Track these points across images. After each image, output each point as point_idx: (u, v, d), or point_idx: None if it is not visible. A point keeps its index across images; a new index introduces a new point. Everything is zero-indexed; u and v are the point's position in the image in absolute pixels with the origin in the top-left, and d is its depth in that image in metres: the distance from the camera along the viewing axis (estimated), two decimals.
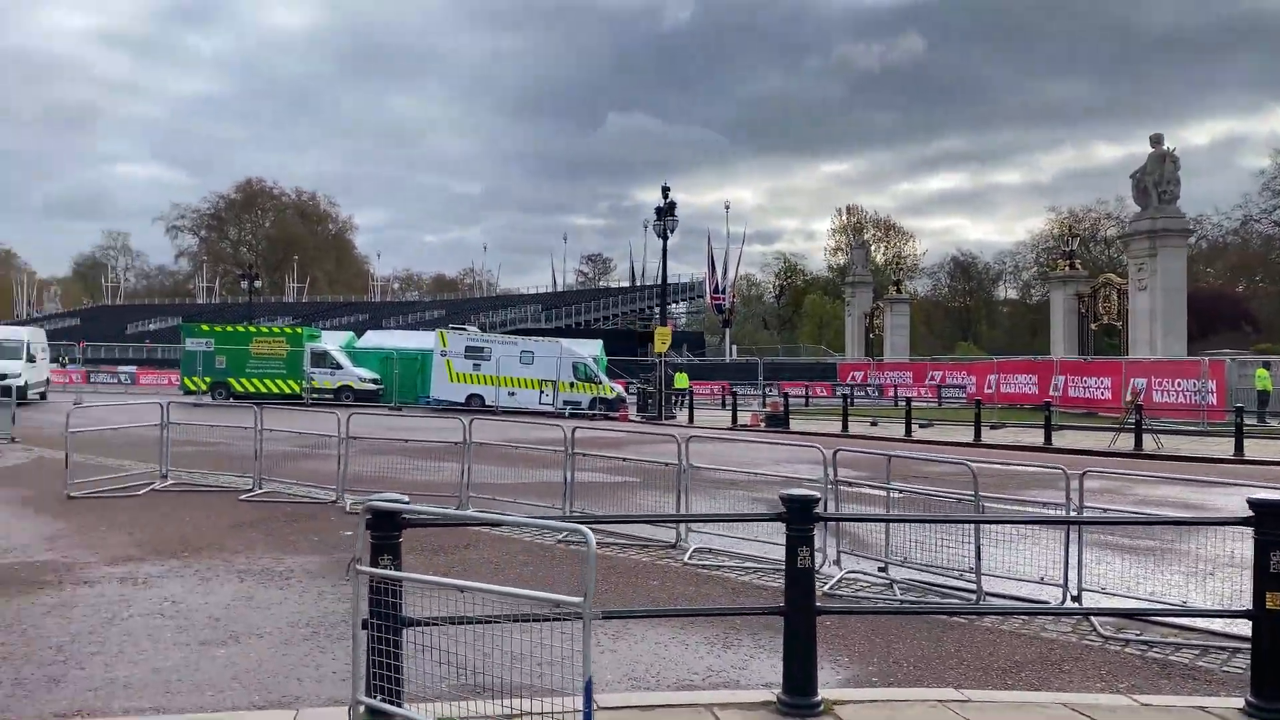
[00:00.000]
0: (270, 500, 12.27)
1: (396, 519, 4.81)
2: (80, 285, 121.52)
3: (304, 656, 6.28)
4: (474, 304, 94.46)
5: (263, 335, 37.16)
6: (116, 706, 5.34)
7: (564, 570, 8.82)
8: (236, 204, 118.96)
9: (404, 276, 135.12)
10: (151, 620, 7.00)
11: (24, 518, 10.75)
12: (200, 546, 9.51)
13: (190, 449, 15.12)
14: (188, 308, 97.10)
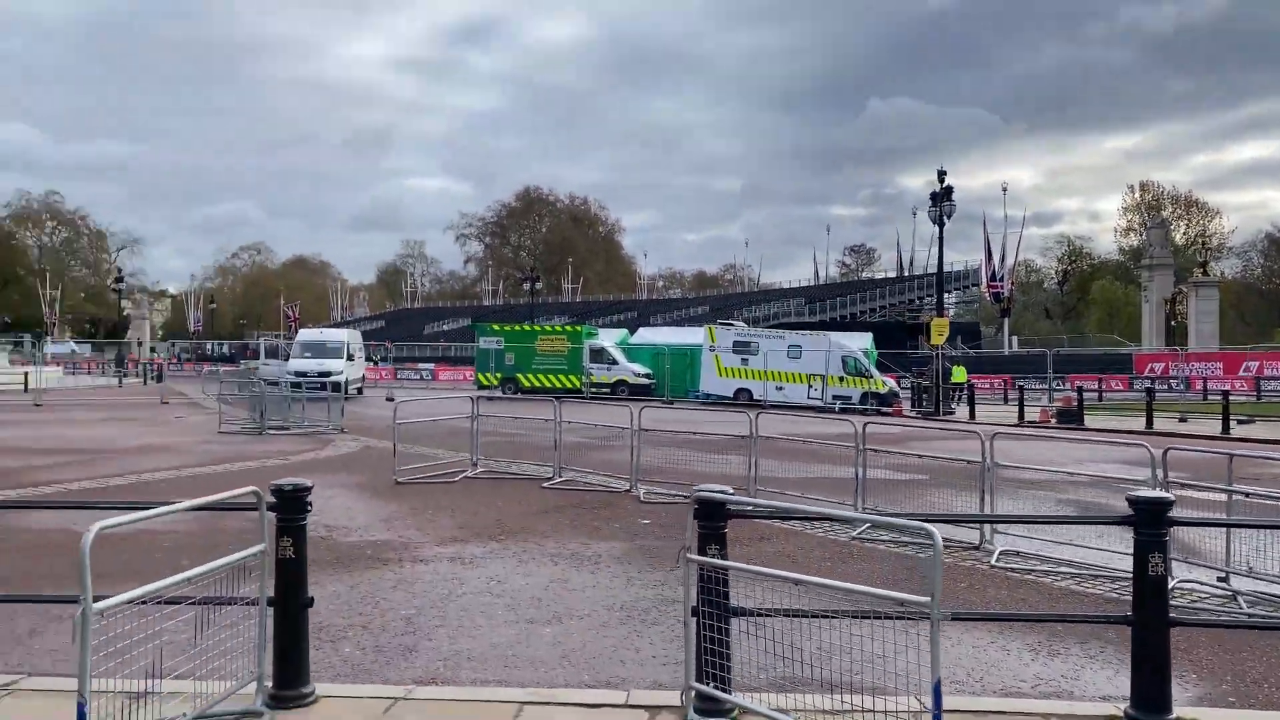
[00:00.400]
0: (570, 488, 12.96)
1: (723, 509, 4.90)
2: (384, 291, 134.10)
3: (623, 639, 6.55)
4: (736, 299, 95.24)
5: (546, 334, 39.38)
6: (464, 676, 5.81)
7: (864, 567, 8.67)
8: (517, 211, 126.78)
9: (667, 274, 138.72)
10: (482, 598, 7.57)
11: (363, 500, 11.99)
12: (514, 530, 10.19)
13: (495, 439, 16.26)
14: (475, 309, 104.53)
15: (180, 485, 12.89)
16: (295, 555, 5.01)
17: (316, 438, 19.75)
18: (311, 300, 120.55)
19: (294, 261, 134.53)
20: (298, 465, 15.27)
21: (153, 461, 15.51)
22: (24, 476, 13.59)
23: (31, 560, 8.70)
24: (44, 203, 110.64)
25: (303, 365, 34.39)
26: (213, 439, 19.66)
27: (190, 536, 9.62)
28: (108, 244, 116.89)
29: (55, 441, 18.68)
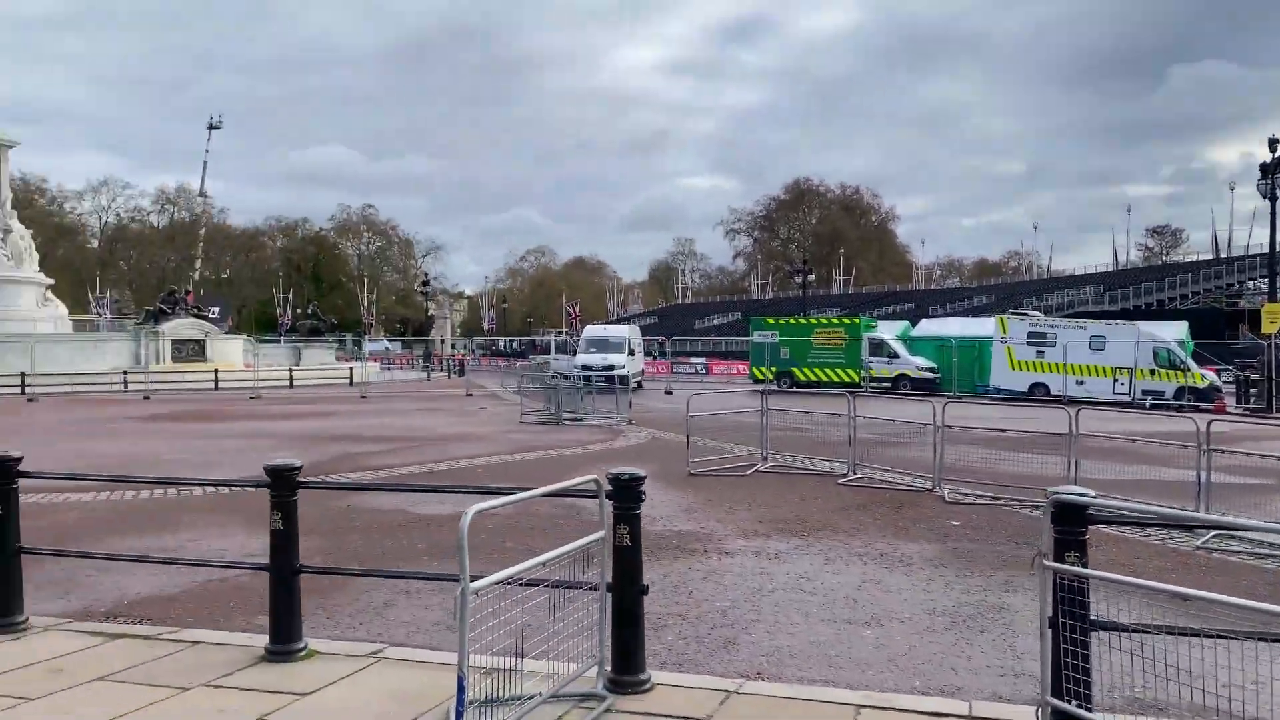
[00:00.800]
0: (866, 485, 12.60)
1: (1084, 513, 4.47)
2: (656, 288, 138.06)
3: (950, 646, 6.21)
4: (1023, 287, 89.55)
5: (822, 326, 38.84)
6: (790, 674, 5.71)
7: (1218, 580, 7.74)
8: (786, 204, 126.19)
9: (944, 263, 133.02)
10: (793, 595, 7.46)
11: (661, 491, 12.26)
12: (815, 527, 10.02)
13: (780, 434, 16.13)
14: (745, 304, 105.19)
15: (495, 471, 13.78)
16: (631, 543, 5.11)
17: (607, 429, 20.52)
18: (590, 298, 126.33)
19: (574, 262, 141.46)
20: (595, 455, 15.90)
21: (468, 449, 16.72)
22: (362, 461, 15.07)
23: (380, 537, 9.55)
24: (361, 215, 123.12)
25: (589, 360, 36.00)
26: (515, 429, 20.94)
27: (506, 519, 10.21)
28: (414, 251, 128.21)
29: (382, 430, 20.61)
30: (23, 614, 6.26)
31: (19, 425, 22.48)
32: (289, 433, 19.98)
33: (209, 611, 7.08)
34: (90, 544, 9.06)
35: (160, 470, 13.93)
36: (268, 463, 5.74)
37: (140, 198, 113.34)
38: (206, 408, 28.55)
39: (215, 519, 10.47)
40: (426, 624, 6.74)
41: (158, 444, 17.79)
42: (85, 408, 29.16)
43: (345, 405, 29.87)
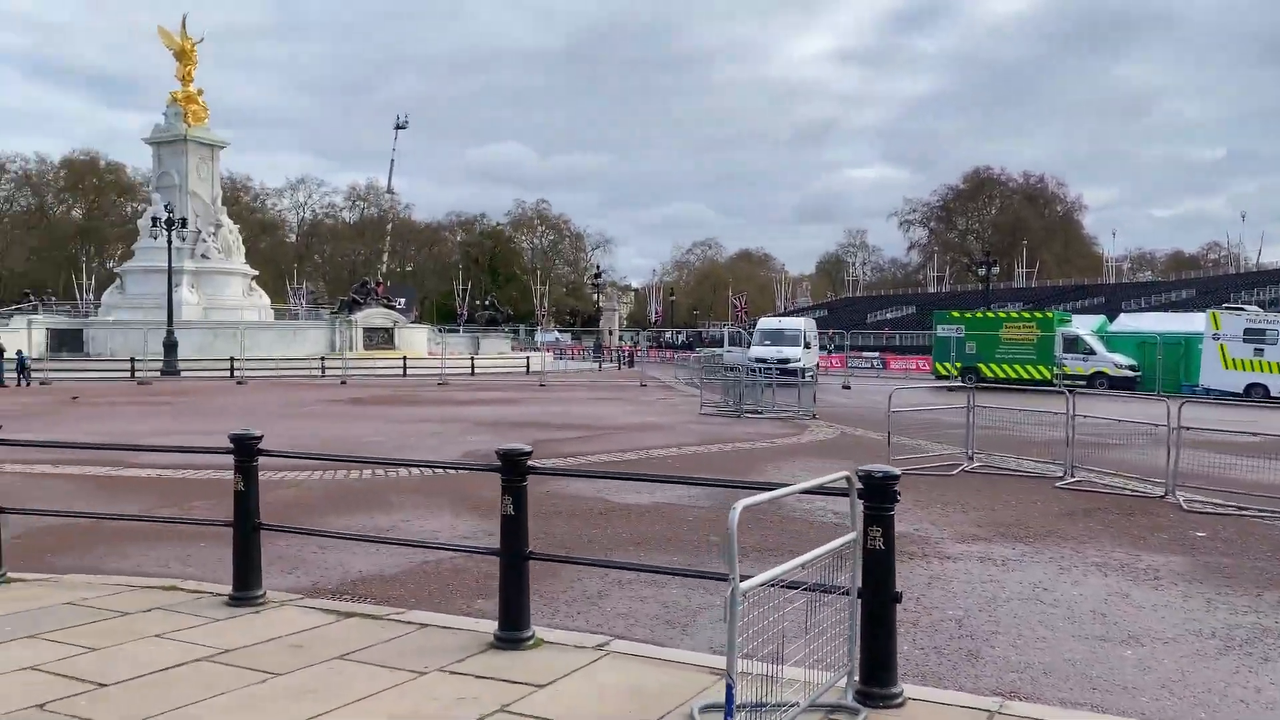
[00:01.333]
0: (1087, 489, 11.69)
1: None
2: (825, 280, 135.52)
3: (1231, 675, 5.52)
4: (1227, 282, 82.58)
5: (1012, 321, 36.91)
6: (1049, 695, 5.19)
7: None
8: (964, 194, 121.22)
9: (1135, 255, 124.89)
10: (1031, 606, 6.87)
11: None
12: (1039, 532, 9.31)
13: (978, 432, 15.25)
14: (920, 297, 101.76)
15: (686, 461, 13.61)
16: (884, 546, 4.73)
17: (790, 422, 20.05)
18: (755, 291, 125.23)
19: (740, 255, 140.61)
20: (784, 449, 15.50)
21: (654, 438, 16.64)
22: (555, 448, 15.20)
23: (582, 525, 9.49)
24: (535, 210, 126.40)
25: (763, 352, 35.51)
26: (695, 420, 20.77)
27: (705, 513, 9.97)
28: (585, 244, 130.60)
29: (567, 418, 20.86)
30: (260, 589, 6.45)
31: (233, 406, 24.02)
32: (479, 418, 20.49)
33: (428, 593, 7.14)
34: (310, 521, 9.39)
35: (365, 451, 14.45)
36: (500, 447, 5.66)
37: (334, 195, 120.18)
38: (399, 393, 29.79)
39: (422, 500, 10.71)
40: (644, 617, 6.57)
41: (359, 426, 18.56)
42: (288, 390, 30.98)
43: (526, 393, 30.52)
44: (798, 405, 21.55)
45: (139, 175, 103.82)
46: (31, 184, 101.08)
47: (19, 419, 19.31)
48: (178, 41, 55.84)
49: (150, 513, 9.84)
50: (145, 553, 8.26)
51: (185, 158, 53.93)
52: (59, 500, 10.40)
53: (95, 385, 32.45)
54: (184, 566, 7.82)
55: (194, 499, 10.61)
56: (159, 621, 5.91)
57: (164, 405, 23.96)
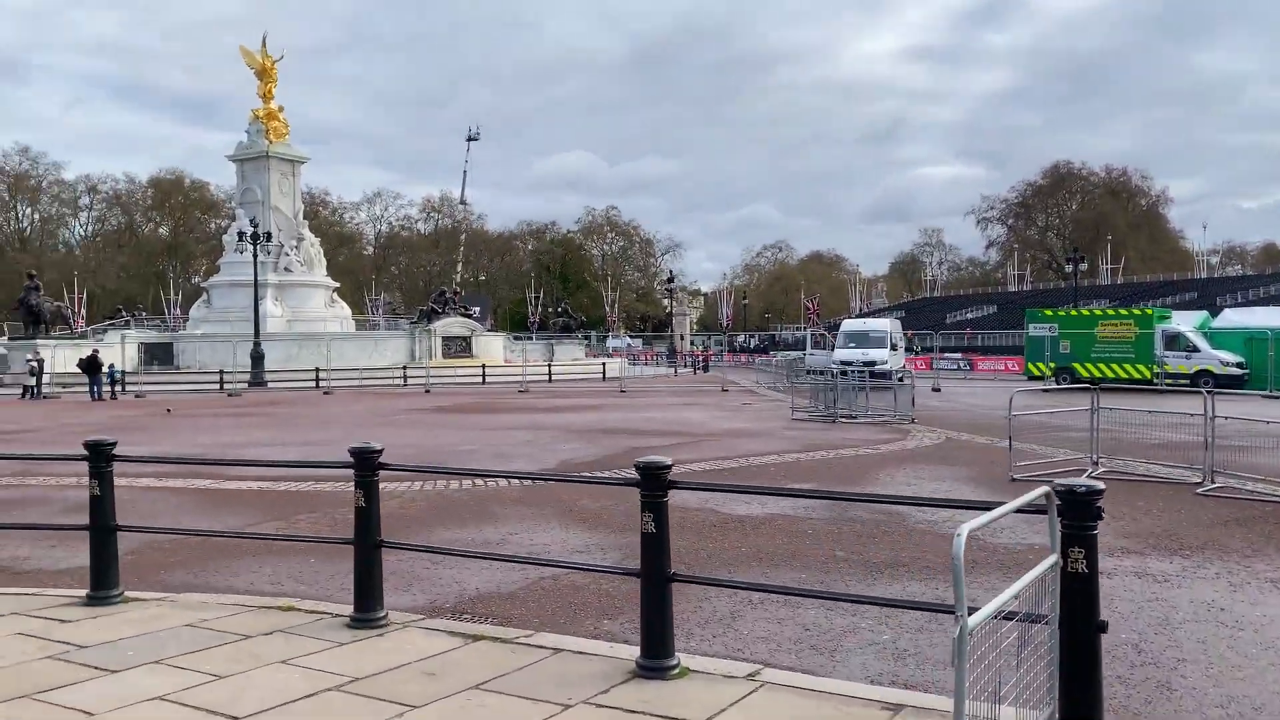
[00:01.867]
0: (1233, 496, 10.87)
1: None
2: (900, 280, 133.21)
3: None
4: None
5: (1109, 318, 35.49)
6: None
7: None
8: (1044, 189, 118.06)
9: (1224, 249, 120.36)
10: (1211, 628, 6.24)
11: (992, 498, 11.10)
12: (1194, 544, 8.60)
13: (1082, 434, 14.43)
14: (1001, 296, 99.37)
15: (790, 470, 13.10)
16: (1087, 570, 4.21)
17: (889, 427, 19.35)
18: (828, 293, 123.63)
19: (811, 257, 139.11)
20: (892, 455, 14.88)
21: (751, 445, 16.14)
22: (652, 453, 14.80)
23: (695, 539, 9.06)
24: (605, 216, 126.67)
25: (848, 355, 34.71)
26: (788, 425, 20.20)
27: (825, 523, 9.47)
28: (654, 249, 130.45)
29: (655, 424, 20.47)
30: (382, 610, 6.15)
31: (323, 416, 24.16)
32: (567, 425, 20.21)
33: (550, 613, 6.78)
34: (418, 535, 9.14)
35: (461, 461, 14.23)
36: (640, 460, 5.26)
37: (409, 207, 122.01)
38: (483, 400, 29.76)
39: (527, 511, 10.39)
40: (785, 641, 6.10)
41: (451, 435, 18.42)
42: (375, 400, 31.21)
43: (608, 399, 30.25)
44: (893, 409, 20.84)
45: (221, 192, 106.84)
46: (121, 203, 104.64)
47: (119, 432, 19.60)
48: (258, 60, 57.04)
49: (255, 527, 9.70)
50: (256, 569, 8.06)
51: (267, 173, 55.05)
52: (166, 515, 10.34)
53: (186, 398, 33.11)
54: (297, 584, 7.59)
55: (298, 512, 10.46)
56: (282, 645, 5.64)
57: (257, 417, 24.21)
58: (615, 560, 8.23)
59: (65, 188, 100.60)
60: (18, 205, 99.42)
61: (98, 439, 6.75)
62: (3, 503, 11.29)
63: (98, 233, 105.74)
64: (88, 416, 24.65)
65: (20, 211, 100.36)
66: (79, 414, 25.80)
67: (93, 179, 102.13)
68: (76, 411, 26.94)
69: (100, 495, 6.62)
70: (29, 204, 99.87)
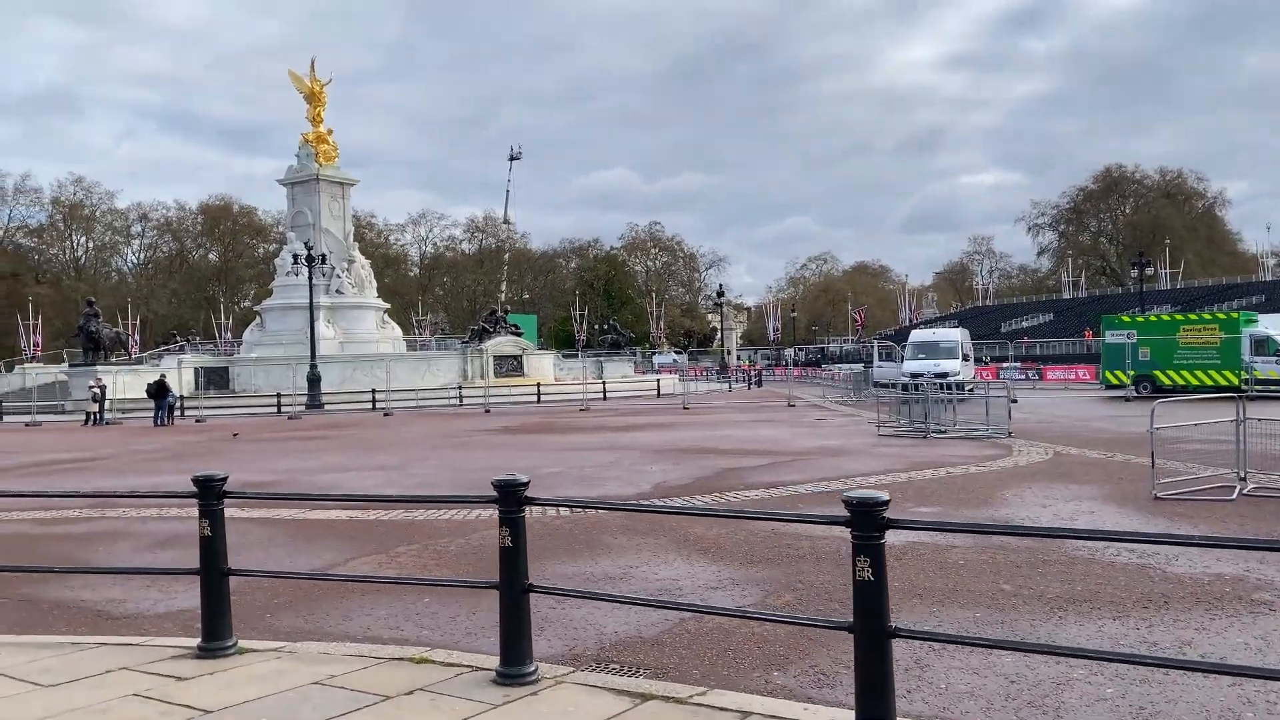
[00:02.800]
0: None
1: None
2: (948, 290, 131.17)
3: None
4: None
5: (1191, 323, 34.07)
6: None
7: None
8: (1095, 194, 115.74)
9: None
10: None
11: (1140, 520, 10.20)
12: None
13: (1199, 448, 13.42)
14: (1057, 304, 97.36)
15: (905, 491, 12.24)
16: None
17: (988, 443, 18.37)
18: (875, 304, 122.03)
19: (856, 268, 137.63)
20: (1010, 473, 13.95)
21: (850, 464, 15.28)
22: (745, 477, 14.03)
23: (834, 571, 8.27)
24: (648, 232, 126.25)
25: (918, 366, 33.67)
26: (878, 441, 19.32)
27: (969, 550, 8.63)
28: (698, 264, 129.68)
29: (734, 442, 19.66)
30: (532, 663, 5.44)
31: (392, 439, 23.65)
32: (644, 445, 19.47)
33: (707, 662, 6.04)
34: (534, 570, 8.44)
35: (549, 485, 13.56)
36: (850, 494, 4.50)
37: (453, 227, 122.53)
38: (546, 420, 29.14)
39: (641, 542, 9.65)
40: (993, 696, 5.30)
41: (529, 457, 17.76)
42: (436, 420, 30.73)
43: (672, 416, 29.49)
44: (985, 423, 19.85)
45: (269, 217, 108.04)
46: (172, 230, 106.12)
47: (190, 459, 19.24)
48: (307, 84, 57.33)
49: (354, 561, 9.09)
50: (370, 610, 7.40)
51: (318, 196, 55.23)
52: (256, 548, 9.75)
53: (245, 421, 32.89)
54: (418, 629, 6.91)
55: (396, 544, 9.81)
56: (429, 709, 4.95)
57: (323, 440, 23.78)
58: (757, 599, 7.48)
59: (118, 216, 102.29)
60: (72, 234, 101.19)
61: (208, 474, 6.18)
62: (85, 537, 10.79)
63: (149, 260, 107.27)
64: (155, 443, 24.38)
65: (75, 240, 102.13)
66: (146, 440, 25.57)
67: (144, 207, 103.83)
68: (143, 437, 26.74)
69: (211, 536, 6.01)
70: (83, 233, 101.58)
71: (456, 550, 9.49)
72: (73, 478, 16.45)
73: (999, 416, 19.66)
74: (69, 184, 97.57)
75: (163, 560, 9.24)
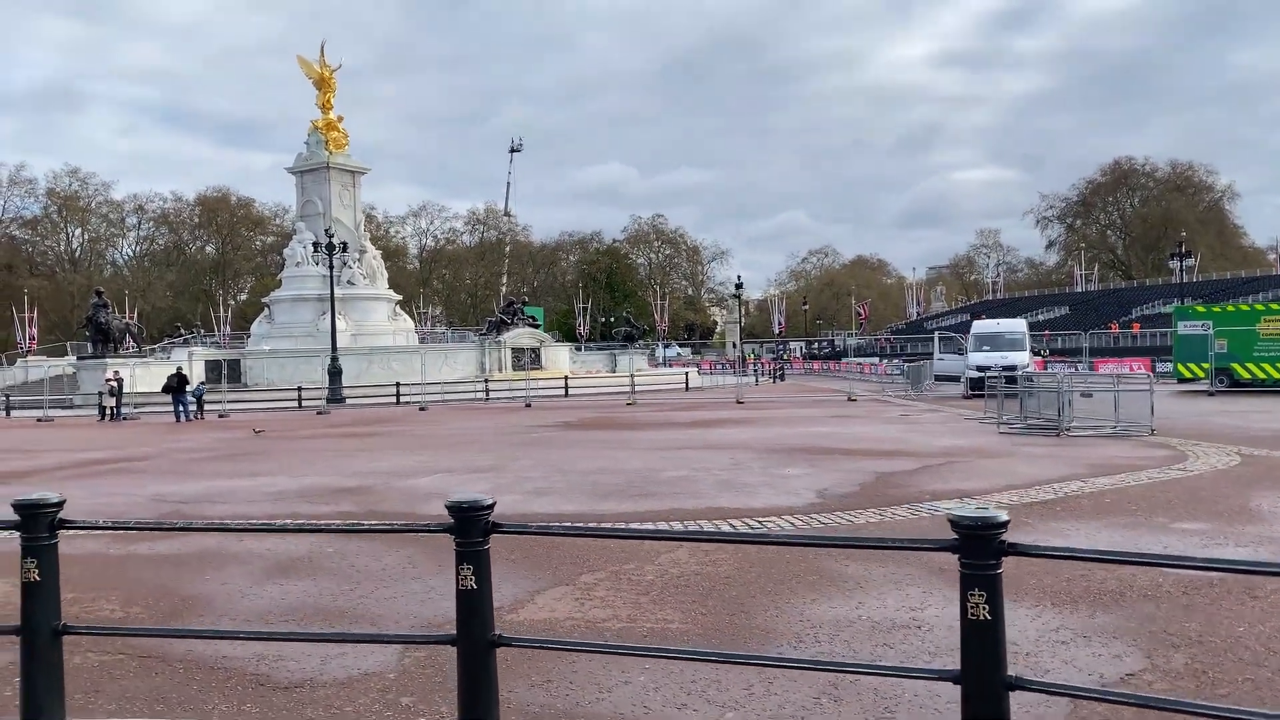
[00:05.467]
0: None
1: None
2: (956, 283, 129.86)
3: None
4: None
5: (1273, 314, 32.40)
6: None
7: None
8: (1103, 187, 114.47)
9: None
10: None
11: None
12: None
13: None
14: (1072, 297, 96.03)
15: (1130, 500, 10.43)
16: None
17: (1135, 440, 16.60)
18: (877, 297, 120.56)
19: (855, 262, 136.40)
20: (1214, 477, 12.16)
21: (1019, 468, 13.41)
22: (915, 483, 12.19)
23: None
24: (650, 224, 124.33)
25: (983, 359, 31.94)
26: (1008, 439, 17.53)
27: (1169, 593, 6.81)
28: (701, 257, 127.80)
29: (843, 441, 17.81)
30: None
31: (455, 435, 21.69)
32: (747, 443, 17.55)
33: None
34: (772, 607, 6.60)
35: (696, 494, 11.69)
36: None
37: (454, 220, 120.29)
38: (601, 415, 27.24)
39: (877, 572, 7.71)
40: None
41: (632, 457, 15.80)
42: (481, 416, 28.79)
43: (732, 411, 27.62)
44: (1114, 419, 18.09)
45: (267, 209, 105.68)
46: (169, 222, 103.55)
47: (236, 459, 17.32)
48: (316, 70, 55.20)
49: (542, 593, 7.20)
50: (626, 677, 5.52)
51: (328, 185, 53.18)
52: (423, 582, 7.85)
53: (269, 416, 30.90)
54: (681, 694, 5.03)
55: (579, 573, 7.94)
56: None
57: (376, 436, 21.83)
58: (1166, 681, 5.64)
59: (114, 208, 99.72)
60: (68, 226, 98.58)
61: (468, 500, 4.26)
62: (181, 560, 8.84)
63: (146, 252, 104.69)
64: (191, 440, 22.39)
65: (70, 232, 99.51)
66: (177, 437, 23.58)
67: (140, 198, 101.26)
68: (173, 435, 24.73)
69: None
70: (78, 225, 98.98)
71: (654, 579, 7.64)
72: (125, 481, 14.51)
73: (1134, 412, 17.89)
74: (64, 175, 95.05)
75: (292, 595, 7.38)
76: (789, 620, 6.53)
